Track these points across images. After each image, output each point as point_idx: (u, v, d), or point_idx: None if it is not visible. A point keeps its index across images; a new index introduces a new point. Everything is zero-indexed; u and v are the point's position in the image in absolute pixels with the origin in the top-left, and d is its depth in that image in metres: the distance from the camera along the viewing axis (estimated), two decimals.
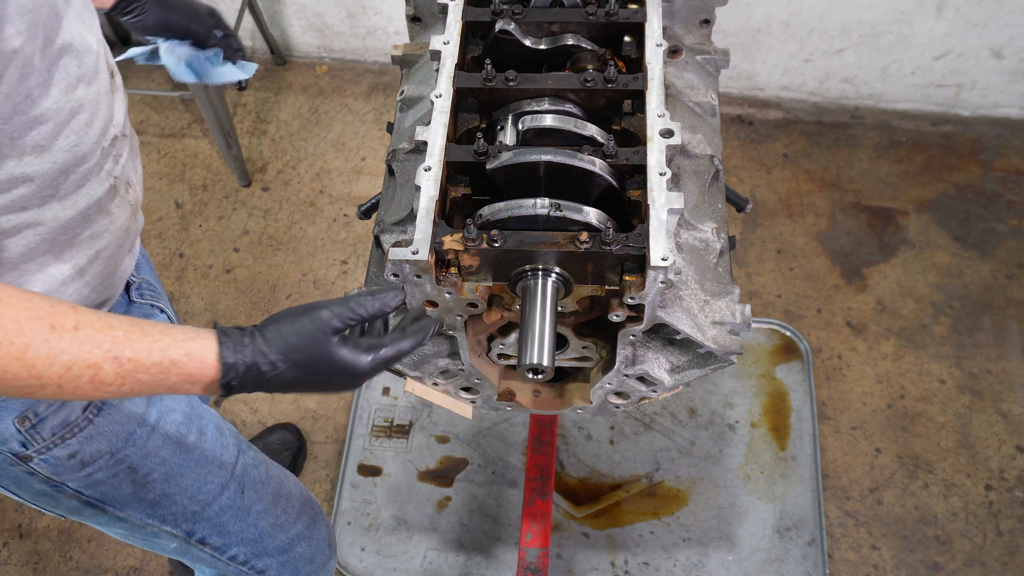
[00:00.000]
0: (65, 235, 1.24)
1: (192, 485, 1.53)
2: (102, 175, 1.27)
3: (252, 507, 1.62)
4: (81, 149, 1.20)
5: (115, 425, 1.40)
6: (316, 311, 1.10)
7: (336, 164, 3.29)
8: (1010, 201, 3.10)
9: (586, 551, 2.47)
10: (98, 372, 1.01)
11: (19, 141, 1.11)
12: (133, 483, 1.46)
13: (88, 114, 1.20)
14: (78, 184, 1.22)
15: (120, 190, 1.33)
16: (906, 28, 3.07)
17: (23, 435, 1.32)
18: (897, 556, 2.46)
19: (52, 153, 1.16)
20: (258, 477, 1.63)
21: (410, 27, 1.74)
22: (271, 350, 1.08)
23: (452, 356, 1.51)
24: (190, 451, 1.51)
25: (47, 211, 1.20)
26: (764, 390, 2.72)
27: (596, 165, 1.31)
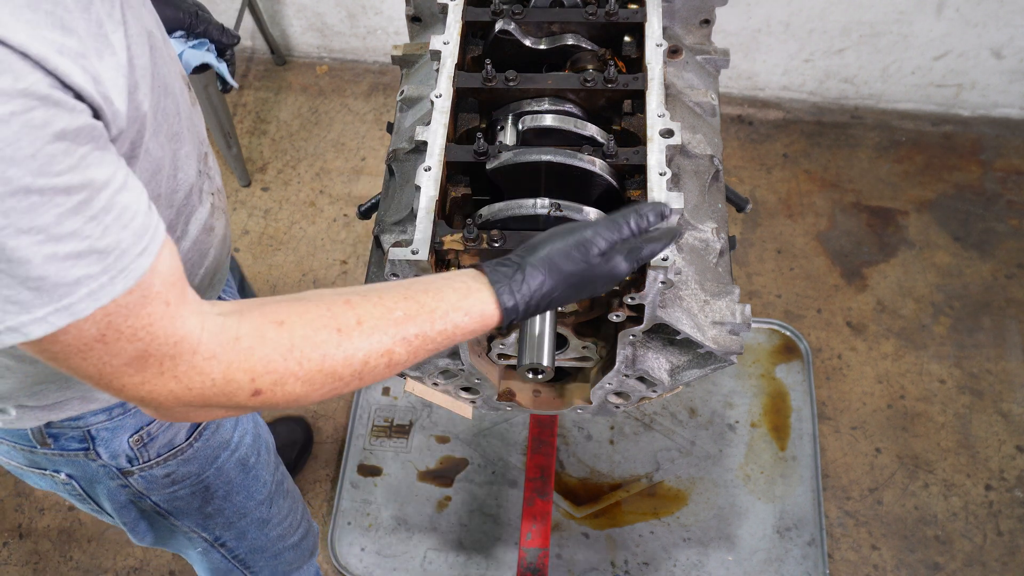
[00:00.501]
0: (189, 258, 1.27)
1: (240, 501, 1.60)
2: (204, 197, 1.27)
3: (272, 519, 1.70)
4: (188, 182, 1.20)
5: (208, 451, 1.47)
6: (581, 233, 1.11)
7: (336, 164, 3.29)
8: (1010, 201, 3.10)
9: (586, 551, 2.47)
10: (392, 357, 1.04)
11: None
12: (203, 499, 1.53)
13: (188, 145, 1.19)
14: (188, 217, 1.23)
15: (218, 203, 1.34)
16: (906, 28, 3.07)
17: (134, 452, 1.37)
18: (897, 556, 2.46)
19: (168, 198, 1.15)
20: (281, 493, 1.71)
21: (410, 27, 1.74)
22: (545, 282, 1.09)
23: (452, 356, 1.51)
24: (248, 471, 1.58)
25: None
26: (764, 390, 2.72)
27: (596, 165, 1.31)
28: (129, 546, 2.54)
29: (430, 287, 1.07)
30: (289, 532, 1.79)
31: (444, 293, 1.07)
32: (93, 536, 2.56)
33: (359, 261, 3.04)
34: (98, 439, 1.35)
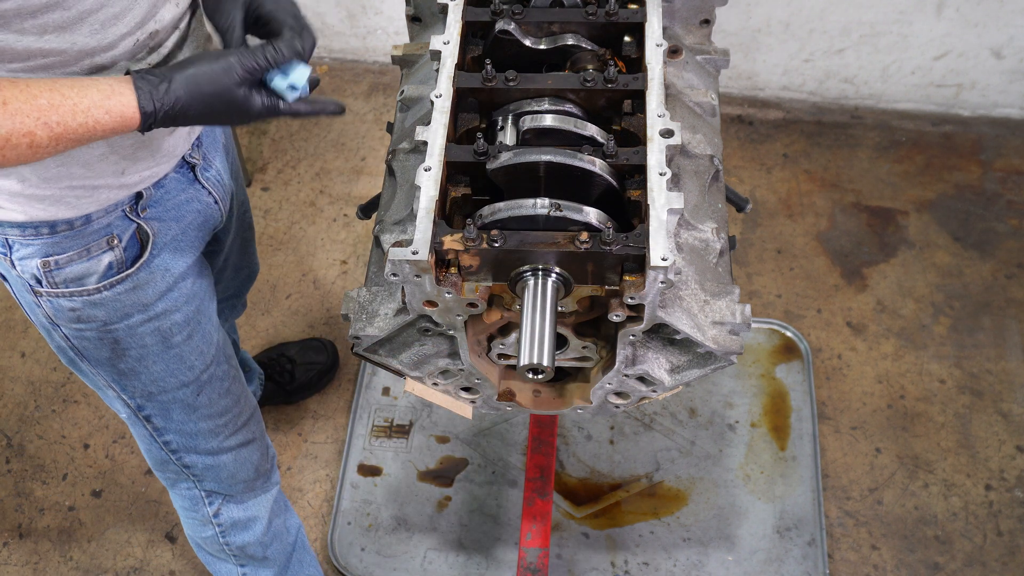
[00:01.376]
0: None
1: (158, 372, 1.65)
2: (135, 62, 1.35)
3: (200, 409, 1.75)
4: (106, 38, 1.28)
5: (118, 303, 1.53)
6: (225, 59, 1.25)
7: (336, 164, 3.29)
8: (1010, 201, 3.11)
9: (586, 551, 2.47)
10: (33, 139, 1.15)
11: (40, 18, 1.20)
12: (112, 352, 1.59)
13: (119, 7, 1.28)
14: (102, 68, 1.31)
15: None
16: (906, 28, 3.07)
17: (40, 274, 1.46)
18: (897, 556, 2.46)
19: (72, 35, 1.24)
20: (219, 388, 1.76)
21: (410, 27, 1.74)
22: (184, 95, 1.22)
23: (452, 356, 1.51)
24: (170, 348, 1.63)
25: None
26: (764, 390, 2.72)
27: (596, 165, 1.31)
28: (129, 546, 2.54)
29: (77, 84, 1.19)
30: (224, 431, 1.81)
31: (89, 91, 1.19)
32: (93, 536, 2.56)
33: (359, 261, 3.04)
34: (14, 248, 1.45)
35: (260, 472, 1.96)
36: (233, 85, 1.25)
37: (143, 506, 2.61)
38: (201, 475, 1.88)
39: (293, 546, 2.17)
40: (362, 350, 1.48)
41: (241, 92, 1.26)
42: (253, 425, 1.90)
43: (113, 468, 2.67)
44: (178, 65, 1.25)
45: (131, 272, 1.51)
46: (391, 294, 1.43)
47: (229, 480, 1.90)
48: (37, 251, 1.44)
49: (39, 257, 1.45)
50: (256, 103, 1.28)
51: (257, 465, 1.94)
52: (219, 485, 1.91)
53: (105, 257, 1.48)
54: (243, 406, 1.85)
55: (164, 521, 2.58)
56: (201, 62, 1.25)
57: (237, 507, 1.97)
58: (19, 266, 1.47)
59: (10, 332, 2.93)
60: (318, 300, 2.96)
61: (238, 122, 1.31)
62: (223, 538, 2.02)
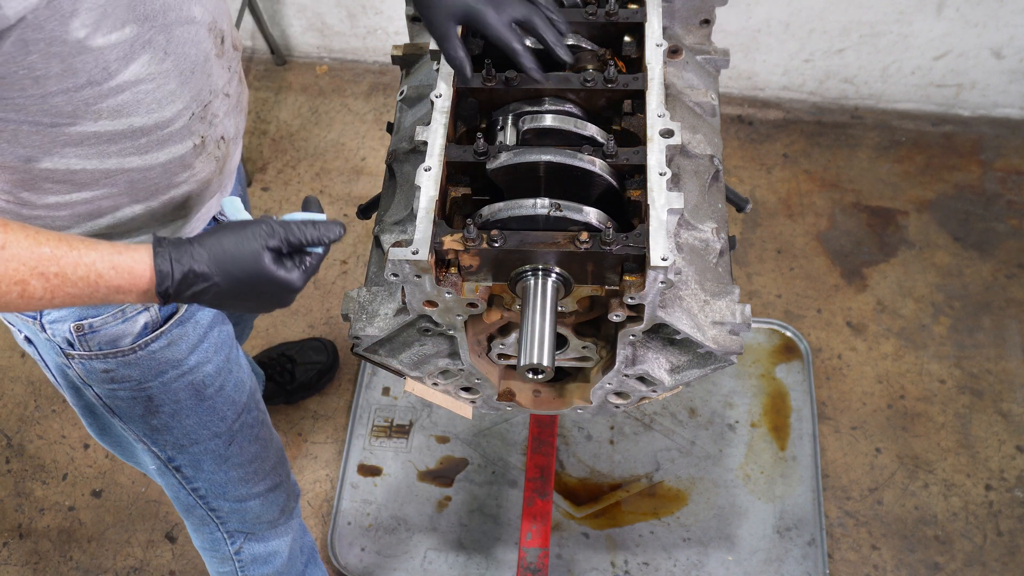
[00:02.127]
0: (142, 183, 1.32)
1: (191, 426, 1.63)
2: (188, 136, 1.32)
3: (231, 458, 1.73)
4: (164, 115, 1.25)
5: (153, 361, 1.51)
6: (255, 227, 1.16)
7: (336, 164, 3.29)
8: (1010, 201, 3.11)
9: (586, 551, 2.47)
10: (26, 288, 1.08)
11: (94, 107, 1.18)
12: (146, 409, 1.57)
13: (176, 83, 1.25)
14: (159, 144, 1.29)
15: (208, 147, 1.38)
16: (906, 28, 3.07)
17: (73, 338, 1.43)
18: (897, 556, 2.46)
19: (130, 118, 1.22)
20: (248, 436, 1.74)
21: (410, 27, 1.74)
22: (208, 260, 1.13)
23: (452, 356, 1.51)
24: (203, 400, 1.61)
25: (126, 162, 1.27)
26: (764, 390, 2.72)
27: (596, 165, 1.31)
28: (129, 546, 2.54)
29: (93, 241, 1.12)
30: (254, 478, 1.80)
31: (100, 246, 1.12)
32: (93, 536, 2.56)
33: (359, 261, 3.04)
34: (45, 312, 1.41)
35: (285, 511, 1.94)
36: (269, 263, 1.16)
37: (143, 506, 2.61)
38: (226, 518, 1.86)
39: (306, 564, 2.15)
40: (362, 350, 1.48)
41: (277, 269, 1.17)
42: (280, 468, 1.88)
43: (113, 468, 2.67)
44: (203, 233, 1.18)
45: (165, 329, 1.49)
46: (391, 294, 1.43)
47: (254, 521, 1.89)
48: (70, 315, 1.41)
49: (72, 321, 1.41)
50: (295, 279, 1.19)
51: (283, 506, 1.92)
52: (243, 526, 1.89)
53: (141, 318, 1.45)
54: (271, 450, 1.83)
55: (164, 521, 2.58)
56: (227, 229, 1.17)
57: (259, 544, 1.95)
58: (49, 329, 1.43)
59: (10, 332, 2.93)
60: (318, 300, 2.96)
61: (270, 308, 1.22)
62: (242, 572, 1.99)
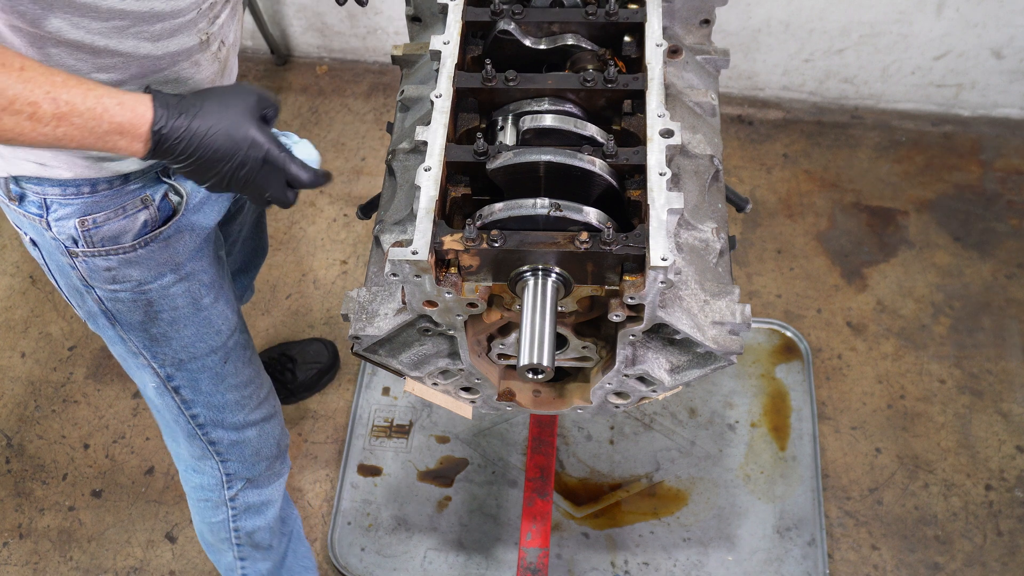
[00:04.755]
0: (150, 68, 1.37)
1: (189, 337, 1.68)
2: (194, 30, 1.38)
3: (227, 378, 1.78)
4: (178, 4, 1.32)
5: (153, 262, 1.57)
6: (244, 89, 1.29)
7: (336, 164, 3.29)
8: (1010, 201, 3.10)
9: (586, 551, 2.47)
10: (37, 109, 1.14)
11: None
12: (145, 314, 1.62)
13: None
14: (170, 32, 1.34)
15: (212, 46, 1.44)
16: (906, 28, 3.07)
17: (78, 233, 1.49)
18: (897, 556, 2.46)
19: (152, 1, 1.29)
20: (242, 357, 1.79)
21: (410, 27, 1.74)
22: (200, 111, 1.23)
23: (452, 356, 1.51)
24: (200, 310, 1.67)
25: (139, 47, 1.33)
26: (764, 390, 2.72)
27: (596, 165, 1.31)
28: (129, 546, 2.54)
29: (102, 84, 1.20)
30: (250, 403, 1.84)
31: (108, 87, 1.20)
32: (93, 536, 2.56)
33: (359, 261, 3.04)
34: (52, 210, 1.47)
35: (281, 449, 1.99)
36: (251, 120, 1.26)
37: (143, 506, 2.61)
38: (226, 453, 1.89)
39: (291, 536, 2.19)
40: (362, 350, 1.48)
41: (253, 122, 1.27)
42: (272, 399, 1.93)
43: (113, 468, 2.67)
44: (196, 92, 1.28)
45: (164, 229, 1.55)
46: (391, 294, 1.43)
47: (253, 458, 1.93)
48: (76, 211, 1.47)
49: (77, 216, 1.47)
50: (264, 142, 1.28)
51: (279, 440, 1.97)
52: (242, 466, 1.93)
53: (140, 215, 1.52)
54: (263, 378, 1.89)
55: (164, 521, 2.58)
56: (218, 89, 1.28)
57: (254, 491, 1.99)
58: (55, 227, 1.49)
59: (10, 332, 2.93)
60: (318, 300, 2.97)
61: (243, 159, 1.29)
62: (234, 522, 2.02)
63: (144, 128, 1.21)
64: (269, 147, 1.28)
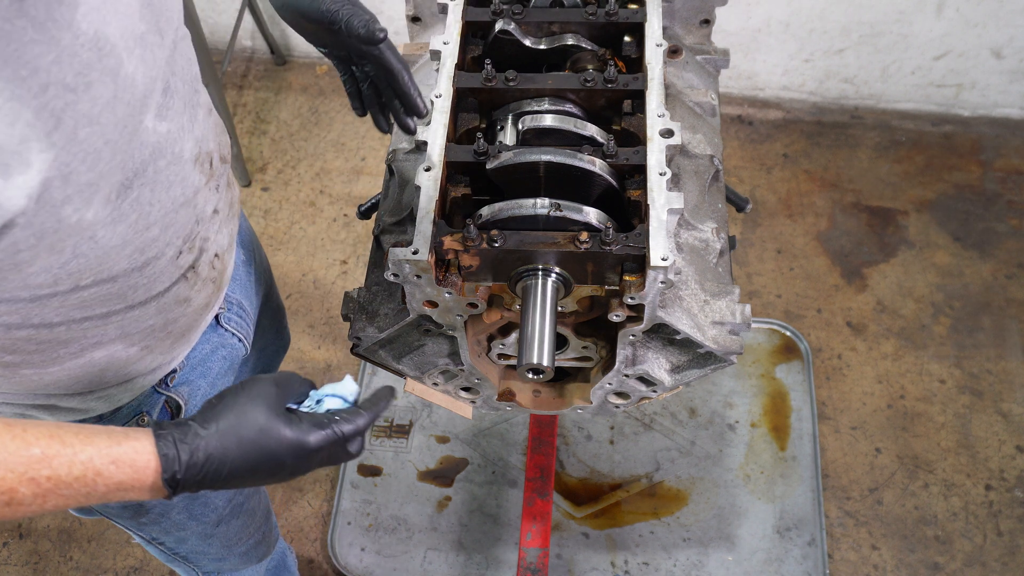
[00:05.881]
0: (135, 327, 1.22)
1: (180, 519, 1.54)
2: (176, 273, 1.21)
3: (216, 536, 1.65)
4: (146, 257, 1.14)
5: None
6: (260, 386, 1.05)
7: (336, 164, 3.29)
8: (1010, 201, 3.10)
9: (586, 551, 2.47)
10: (14, 496, 0.94)
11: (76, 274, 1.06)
12: (134, 511, 1.48)
13: (159, 230, 1.14)
14: (146, 289, 1.17)
15: (202, 273, 1.28)
16: (906, 28, 3.07)
17: None
18: (897, 556, 2.46)
19: (113, 275, 1.11)
20: (236, 513, 1.65)
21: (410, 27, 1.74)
22: (216, 434, 1.01)
23: (452, 356, 1.51)
24: (195, 498, 1.52)
25: (113, 317, 1.17)
26: (764, 390, 2.72)
27: (596, 165, 1.31)
28: (129, 546, 2.54)
29: (84, 430, 0.98)
30: (237, 543, 1.73)
31: (96, 437, 0.97)
32: (93, 536, 2.56)
33: (359, 261, 3.04)
34: None
35: (264, 556, 1.88)
36: (278, 421, 1.03)
37: None
38: (205, 566, 1.80)
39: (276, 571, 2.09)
40: (362, 350, 1.48)
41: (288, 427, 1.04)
42: (264, 525, 1.80)
43: None
44: (202, 408, 1.06)
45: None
46: (391, 294, 1.43)
47: (231, 569, 1.84)
48: None
49: None
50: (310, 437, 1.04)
51: (262, 555, 1.87)
52: (219, 568, 1.83)
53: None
54: (258, 514, 1.74)
55: None
56: (229, 396, 1.05)
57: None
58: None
59: None
60: (318, 300, 2.96)
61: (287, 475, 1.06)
62: None
63: (152, 481, 0.99)
64: (309, 440, 1.04)
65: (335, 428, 1.06)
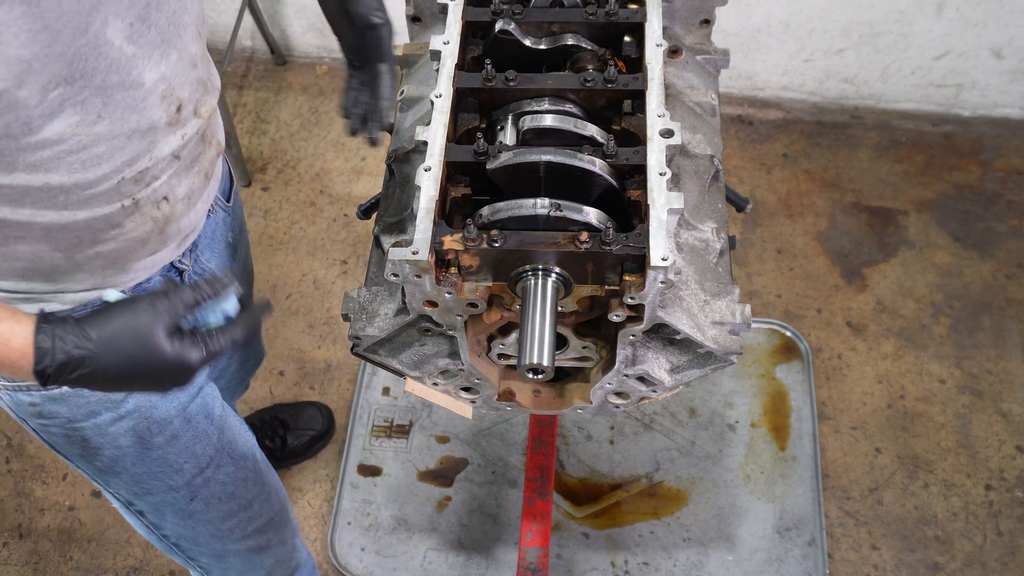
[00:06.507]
0: (60, 235, 1.23)
1: (140, 474, 1.52)
2: (117, 197, 1.24)
3: (196, 514, 1.61)
4: (87, 176, 1.17)
5: (81, 399, 1.39)
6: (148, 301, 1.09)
7: (336, 164, 3.29)
8: (1010, 201, 3.10)
9: (586, 551, 2.47)
10: None
11: (8, 159, 1.09)
12: (83, 449, 1.47)
13: (106, 147, 1.16)
14: (79, 203, 1.20)
15: (144, 208, 1.29)
16: (906, 28, 3.07)
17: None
18: (897, 556, 2.46)
19: (47, 175, 1.14)
20: (218, 493, 1.61)
21: (410, 27, 1.74)
22: (96, 341, 1.05)
23: (452, 356, 1.51)
24: (150, 450, 1.49)
25: (40, 215, 1.19)
26: (764, 390, 2.72)
27: (596, 165, 1.31)
28: (129, 546, 2.54)
29: None
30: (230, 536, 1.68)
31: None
32: (93, 536, 2.56)
33: (359, 261, 3.04)
34: None
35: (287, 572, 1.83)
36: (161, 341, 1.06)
37: None
38: (208, 568, 1.75)
39: None
40: (362, 350, 1.48)
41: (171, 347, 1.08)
42: (271, 532, 1.74)
43: None
44: (92, 312, 1.09)
45: None
46: (391, 294, 1.43)
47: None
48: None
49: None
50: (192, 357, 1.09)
51: (270, 571, 1.80)
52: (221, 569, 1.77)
53: None
54: (256, 510, 1.69)
55: None
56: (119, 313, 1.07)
57: None
58: None
59: None
60: (318, 300, 2.96)
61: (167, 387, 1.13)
62: None
63: (23, 365, 1.04)
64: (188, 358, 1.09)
65: (211, 346, 1.11)
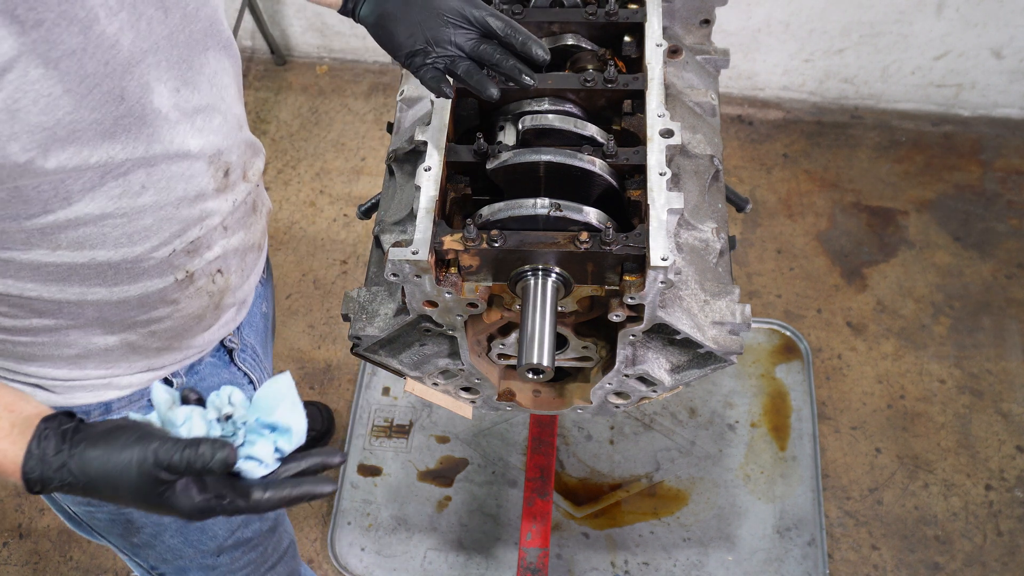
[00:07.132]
0: (113, 315, 1.21)
1: (176, 544, 1.51)
2: (169, 270, 1.21)
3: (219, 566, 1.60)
4: (135, 251, 1.14)
5: None
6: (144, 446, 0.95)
7: (336, 164, 3.29)
8: (1010, 201, 3.10)
9: (586, 551, 2.47)
10: None
11: (51, 236, 1.07)
12: (124, 529, 1.46)
13: (152, 219, 1.14)
14: (131, 278, 1.17)
15: (198, 281, 1.27)
16: (906, 28, 3.07)
17: None
18: (897, 556, 2.46)
19: (93, 251, 1.11)
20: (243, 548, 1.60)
21: None
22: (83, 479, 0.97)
23: (452, 356, 1.51)
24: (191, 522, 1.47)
25: (90, 293, 1.16)
26: (764, 390, 2.72)
27: (596, 165, 1.31)
28: None
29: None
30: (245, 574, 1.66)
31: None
32: None
33: (359, 261, 3.04)
34: None
35: None
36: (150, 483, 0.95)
37: None
38: None
39: None
40: (362, 350, 1.48)
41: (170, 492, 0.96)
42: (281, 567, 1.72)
43: None
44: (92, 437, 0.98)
45: None
46: (391, 294, 1.43)
47: None
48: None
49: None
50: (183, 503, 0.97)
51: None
52: None
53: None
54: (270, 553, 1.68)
55: None
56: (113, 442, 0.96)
57: None
58: None
59: None
60: (318, 300, 2.96)
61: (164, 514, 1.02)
62: None
63: (14, 481, 1.00)
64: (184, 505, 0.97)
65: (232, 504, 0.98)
